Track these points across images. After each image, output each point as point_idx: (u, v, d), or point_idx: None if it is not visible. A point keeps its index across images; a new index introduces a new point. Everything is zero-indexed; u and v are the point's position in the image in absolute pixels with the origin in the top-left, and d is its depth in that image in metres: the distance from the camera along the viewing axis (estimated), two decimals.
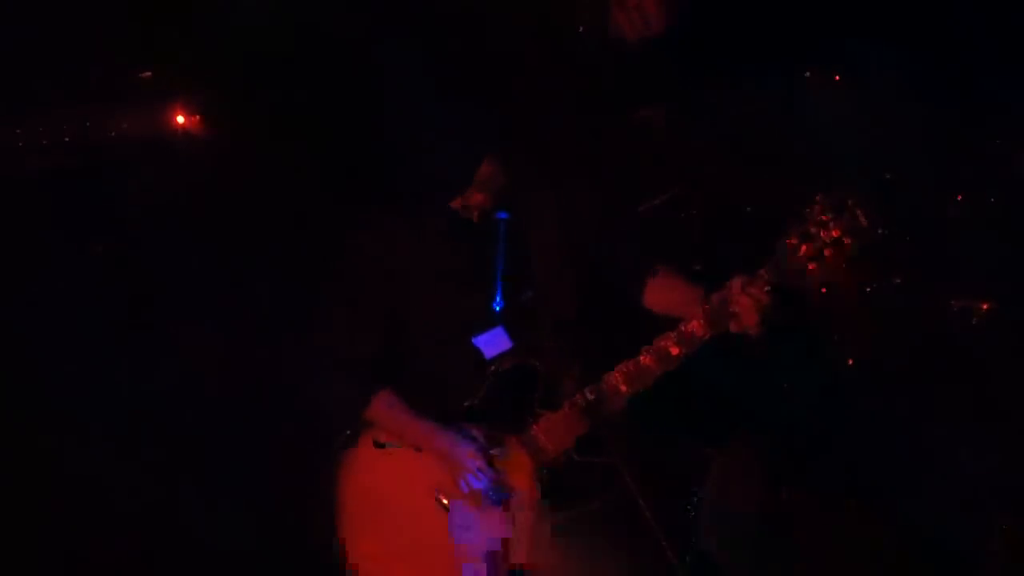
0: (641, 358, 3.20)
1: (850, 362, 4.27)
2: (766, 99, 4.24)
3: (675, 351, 3.19)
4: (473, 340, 3.36)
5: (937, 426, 4.10)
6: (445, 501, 3.30)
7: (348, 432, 3.38)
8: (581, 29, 4.26)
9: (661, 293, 3.43)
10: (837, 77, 4.34)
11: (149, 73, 4.18)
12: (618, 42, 4.21)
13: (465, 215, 3.35)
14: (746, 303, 3.09)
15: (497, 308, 3.37)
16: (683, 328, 3.18)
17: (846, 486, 4.22)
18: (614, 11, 4.08)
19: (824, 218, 2.98)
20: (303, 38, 4.19)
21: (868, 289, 4.22)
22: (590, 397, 3.22)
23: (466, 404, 3.32)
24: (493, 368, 3.30)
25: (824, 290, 4.16)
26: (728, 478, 4.23)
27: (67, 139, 4.01)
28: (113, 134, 4.07)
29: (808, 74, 4.36)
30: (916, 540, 4.06)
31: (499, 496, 3.27)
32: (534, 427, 3.29)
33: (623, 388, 3.20)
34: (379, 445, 3.36)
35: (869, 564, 4.11)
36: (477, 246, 3.39)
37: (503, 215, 3.37)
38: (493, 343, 3.37)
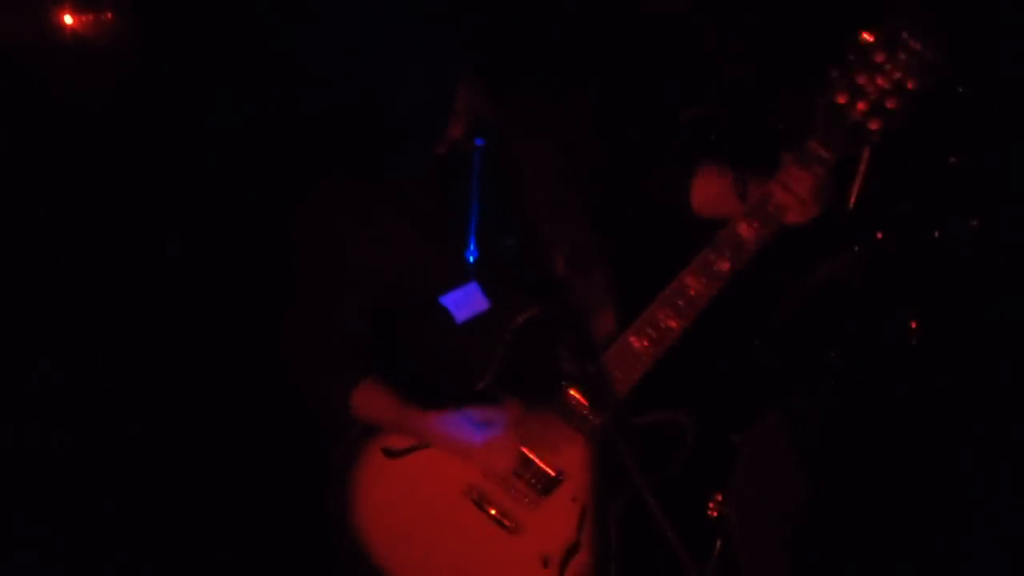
0: (685, 279, 2.81)
1: (913, 325, 3.69)
2: None
3: (723, 265, 2.79)
4: (440, 300, 2.93)
5: None
6: (481, 503, 2.93)
7: (345, 445, 2.99)
8: None
9: (709, 189, 3.02)
10: None
11: None
12: None
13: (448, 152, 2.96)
14: (799, 182, 2.72)
15: (471, 259, 2.92)
16: (729, 232, 2.79)
17: (898, 484, 3.75)
18: None
19: (878, 60, 2.59)
20: None
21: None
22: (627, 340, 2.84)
23: (479, 386, 2.92)
24: (507, 335, 2.89)
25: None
26: (758, 471, 3.73)
27: None
28: None
29: None
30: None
31: (548, 485, 2.90)
32: (569, 391, 2.87)
33: (672, 323, 2.80)
34: (391, 454, 2.95)
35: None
36: (445, 185, 2.97)
37: (479, 141, 2.96)
38: (465, 303, 2.95)
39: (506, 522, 2.90)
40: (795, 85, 3.73)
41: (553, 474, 2.90)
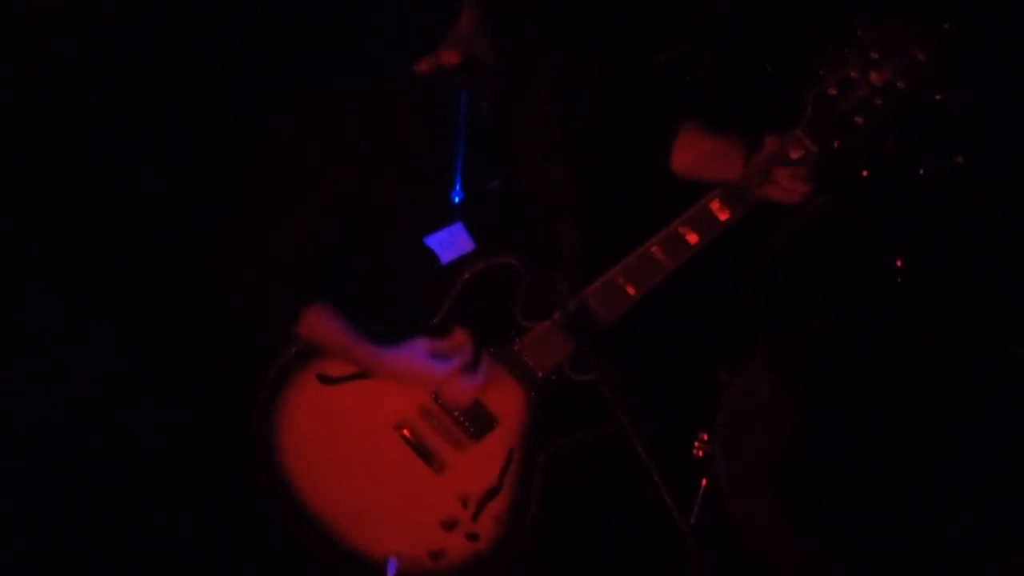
0: (650, 248, 2.82)
1: (899, 263, 3.67)
2: None
3: (693, 238, 2.80)
4: (426, 240, 2.90)
5: None
6: (411, 437, 2.94)
7: (279, 365, 2.95)
8: None
9: (691, 151, 3.04)
10: None
11: None
12: None
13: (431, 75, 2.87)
14: (781, 173, 2.76)
15: (456, 200, 2.89)
16: (701, 207, 2.80)
17: (883, 418, 3.73)
18: None
19: (873, 56, 2.64)
20: None
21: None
22: (585, 303, 2.85)
23: (434, 321, 2.91)
24: (466, 275, 2.89)
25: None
26: (743, 409, 3.73)
27: None
28: None
29: None
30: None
31: (480, 430, 2.92)
32: (518, 342, 2.89)
33: (629, 289, 2.83)
34: (326, 380, 2.94)
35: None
36: (432, 120, 2.91)
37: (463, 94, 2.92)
38: (451, 243, 2.92)
39: (432, 460, 2.92)
40: (781, 27, 3.71)
41: (488, 418, 2.92)
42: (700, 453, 3.71)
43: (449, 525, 2.93)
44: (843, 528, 3.67)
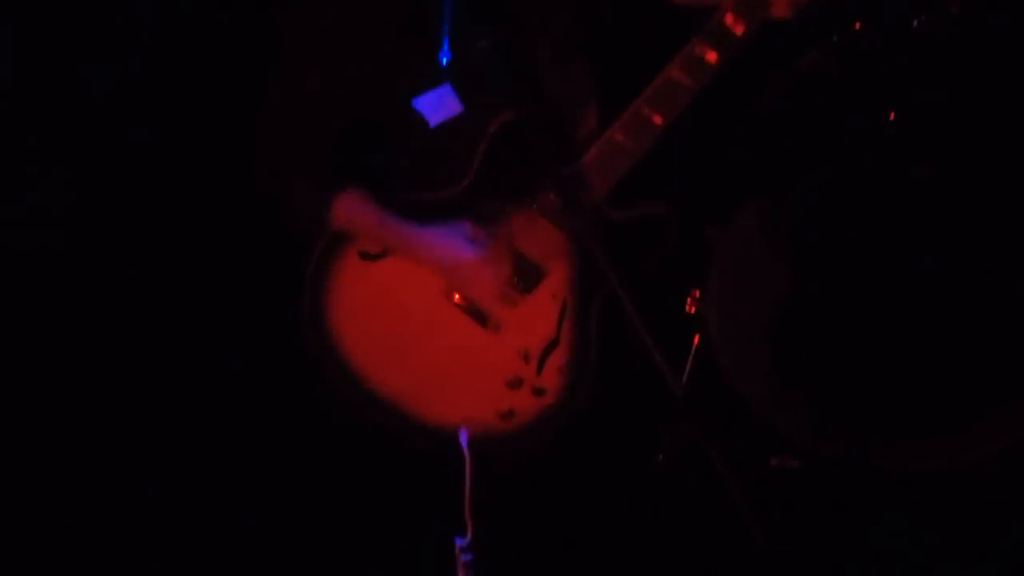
0: (671, 72, 2.80)
1: (892, 115, 3.61)
2: None
3: (712, 56, 2.77)
4: (413, 103, 2.86)
5: None
6: (461, 302, 2.91)
7: (319, 251, 2.92)
8: None
9: None
10: None
11: None
12: None
13: None
14: None
15: (444, 61, 2.85)
16: (715, 23, 2.77)
17: (876, 274, 3.71)
18: None
19: None
20: None
21: None
22: (611, 141, 2.83)
23: (463, 184, 2.87)
24: (488, 135, 2.83)
25: None
26: (736, 265, 3.72)
27: None
28: None
29: None
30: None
31: (528, 283, 2.90)
32: (552, 191, 2.87)
33: (656, 118, 2.80)
34: (368, 257, 2.90)
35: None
36: None
37: None
38: (439, 106, 2.88)
39: (488, 321, 2.91)
40: None
41: (534, 271, 2.90)
42: (692, 310, 3.70)
43: (514, 384, 2.93)
44: (836, 381, 3.68)
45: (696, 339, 3.69)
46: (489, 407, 2.94)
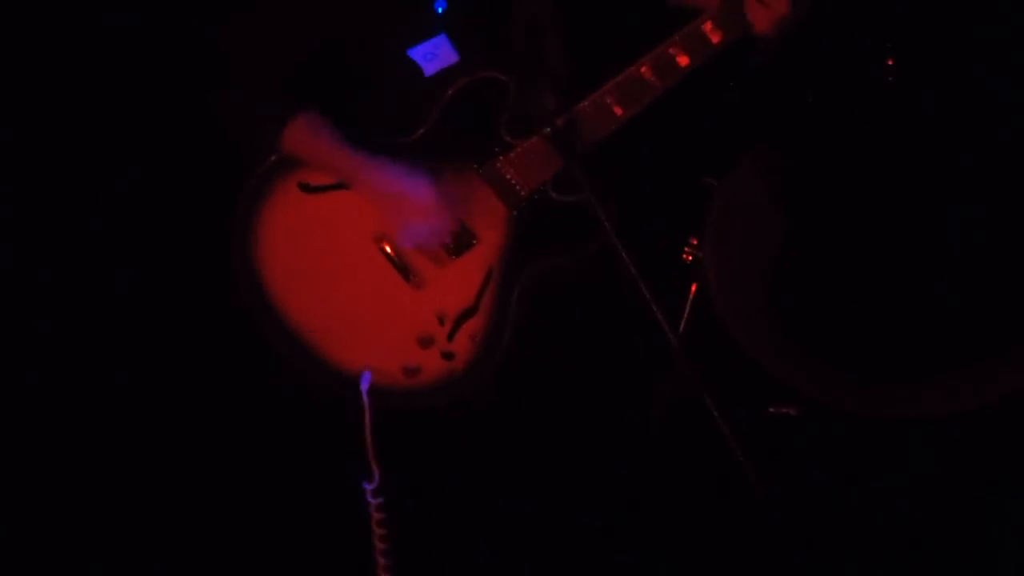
0: (640, 69, 2.81)
1: (890, 62, 3.60)
2: None
3: (683, 60, 2.81)
4: (409, 52, 2.83)
5: None
6: (390, 251, 2.90)
7: (259, 173, 2.88)
8: None
9: None
10: None
11: None
12: None
13: None
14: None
15: (439, 10, 2.85)
16: (693, 29, 2.79)
17: (874, 221, 3.73)
18: None
19: None
20: None
21: None
22: (572, 118, 2.83)
23: (419, 132, 2.86)
24: (450, 90, 2.82)
25: None
26: (733, 213, 3.72)
27: None
28: None
29: None
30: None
31: (458, 246, 2.90)
32: (501, 159, 2.87)
33: (616, 110, 2.83)
34: (307, 189, 2.88)
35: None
36: None
37: None
38: (434, 55, 2.87)
39: (411, 275, 2.91)
40: None
41: (465, 236, 2.90)
42: (689, 258, 3.70)
43: (425, 342, 2.93)
44: (833, 326, 3.70)
45: (693, 287, 3.69)
46: (396, 359, 2.95)
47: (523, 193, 2.87)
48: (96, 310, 3.68)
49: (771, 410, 3.72)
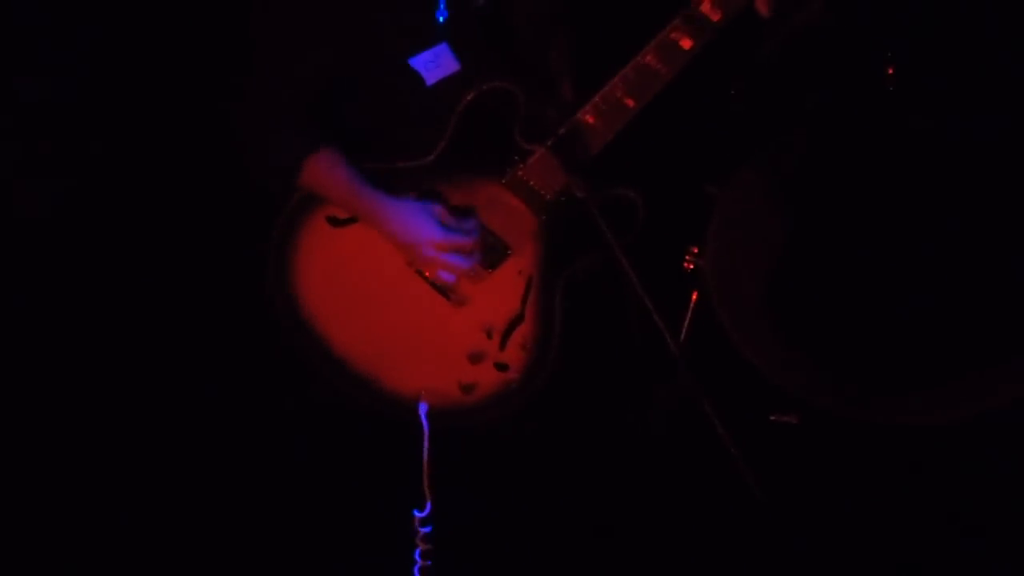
0: (645, 58, 2.78)
1: (891, 71, 3.59)
2: None
3: (687, 43, 2.76)
4: (411, 62, 2.83)
5: None
6: (427, 274, 2.90)
7: (286, 214, 2.89)
8: None
9: None
10: None
11: None
12: None
13: None
14: None
15: (441, 19, 2.84)
16: (693, 10, 2.76)
17: (874, 229, 3.71)
18: None
19: None
20: None
21: None
22: (580, 122, 2.81)
23: (435, 152, 2.84)
24: (459, 107, 2.81)
25: None
26: (734, 221, 3.72)
27: None
28: None
29: None
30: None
31: (493, 260, 2.90)
32: (521, 167, 2.85)
33: (628, 102, 2.79)
34: (336, 223, 2.88)
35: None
36: None
37: None
38: (436, 64, 2.86)
39: (450, 294, 2.91)
40: None
41: (499, 248, 2.90)
42: (691, 266, 3.71)
43: (476, 358, 2.92)
44: (835, 334, 3.70)
45: (694, 296, 3.69)
46: (450, 378, 2.94)
47: (548, 197, 2.86)
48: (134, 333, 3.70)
49: (772, 418, 3.72)
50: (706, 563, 3.37)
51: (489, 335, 2.92)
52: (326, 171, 2.83)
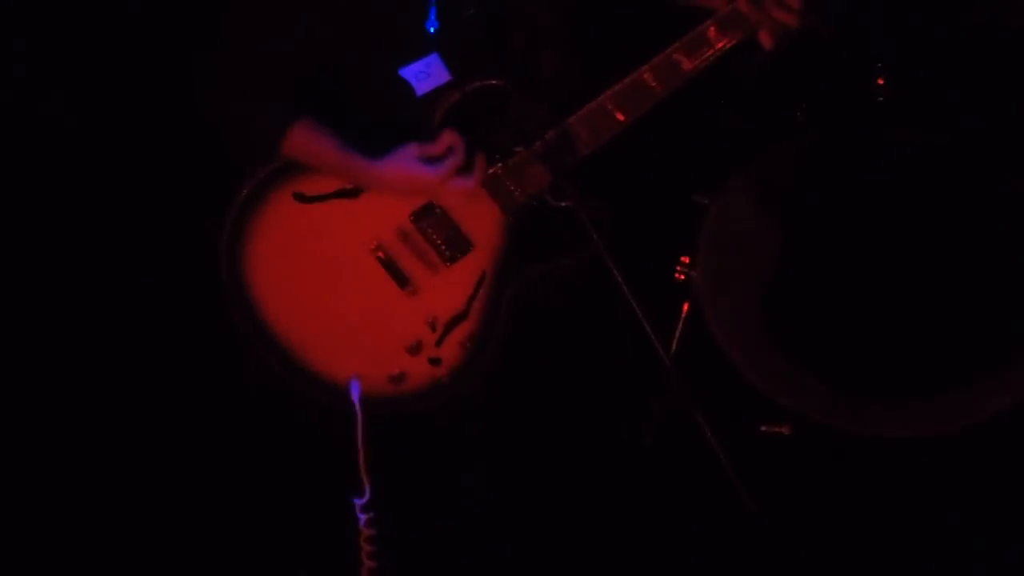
0: (643, 75, 2.80)
1: (880, 81, 3.60)
2: None
3: (687, 65, 2.79)
4: (401, 72, 2.83)
5: None
6: (385, 260, 2.90)
7: (254, 181, 2.87)
8: None
9: None
10: None
11: None
12: None
13: None
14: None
15: (432, 30, 2.83)
16: (698, 33, 2.78)
17: (865, 238, 3.71)
18: None
19: None
20: None
21: None
22: (568, 130, 2.84)
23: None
24: (452, 98, 2.83)
25: None
26: (725, 232, 3.71)
27: None
28: None
29: None
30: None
31: (455, 253, 2.90)
32: (501, 165, 2.87)
33: (618, 115, 2.82)
34: (303, 199, 2.87)
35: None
36: None
37: None
38: (426, 75, 2.87)
39: (405, 282, 2.91)
40: None
41: (463, 242, 2.90)
42: (682, 277, 3.70)
43: (414, 349, 2.92)
44: (826, 345, 3.69)
45: (685, 306, 3.69)
46: (383, 367, 2.94)
47: (520, 199, 2.87)
48: (85, 313, 3.72)
49: (763, 428, 3.71)
50: (697, 574, 3.38)
51: (432, 327, 2.93)
52: (313, 137, 2.83)
